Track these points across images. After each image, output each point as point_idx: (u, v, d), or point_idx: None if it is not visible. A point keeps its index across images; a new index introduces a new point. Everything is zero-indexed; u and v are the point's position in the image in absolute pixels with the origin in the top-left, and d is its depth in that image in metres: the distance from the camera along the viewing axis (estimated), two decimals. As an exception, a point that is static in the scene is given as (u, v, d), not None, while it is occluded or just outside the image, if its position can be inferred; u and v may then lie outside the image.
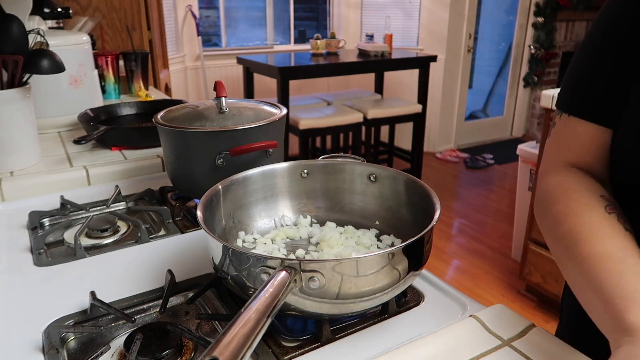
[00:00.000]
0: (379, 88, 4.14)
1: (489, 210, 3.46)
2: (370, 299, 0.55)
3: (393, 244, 0.71)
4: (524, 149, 2.51)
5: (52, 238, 0.85)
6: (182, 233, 0.86)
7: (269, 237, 0.74)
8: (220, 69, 4.31)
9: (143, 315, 0.64)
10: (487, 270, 2.64)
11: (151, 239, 0.84)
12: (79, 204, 0.94)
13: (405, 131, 4.11)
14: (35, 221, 0.87)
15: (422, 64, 3.60)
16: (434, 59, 3.62)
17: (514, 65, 4.92)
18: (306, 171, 0.78)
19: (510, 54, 4.92)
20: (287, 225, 0.78)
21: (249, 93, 3.64)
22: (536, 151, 2.42)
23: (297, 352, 0.56)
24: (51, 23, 1.71)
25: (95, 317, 0.62)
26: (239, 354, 0.38)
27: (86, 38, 1.48)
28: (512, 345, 0.56)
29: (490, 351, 0.55)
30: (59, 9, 1.65)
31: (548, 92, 2.01)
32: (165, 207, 0.93)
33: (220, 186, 0.71)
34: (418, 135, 3.67)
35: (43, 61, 1.09)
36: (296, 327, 0.60)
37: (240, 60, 3.60)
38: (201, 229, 0.58)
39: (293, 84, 3.44)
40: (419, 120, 3.63)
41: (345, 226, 0.76)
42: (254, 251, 0.70)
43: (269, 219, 0.78)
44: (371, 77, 4.21)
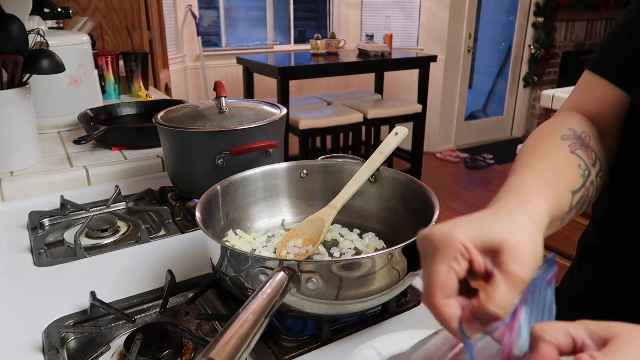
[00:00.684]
0: (379, 88, 4.14)
1: (488, 210, 3.45)
2: (370, 299, 0.55)
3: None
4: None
5: (52, 238, 0.85)
6: (182, 233, 0.86)
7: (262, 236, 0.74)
8: (220, 69, 4.31)
9: (143, 315, 0.65)
10: (487, 270, 2.64)
11: (151, 239, 0.84)
12: (79, 204, 0.94)
13: (405, 131, 4.10)
14: (35, 221, 0.88)
15: (422, 64, 3.60)
16: (434, 59, 3.62)
17: (514, 65, 4.92)
18: (305, 171, 0.79)
19: (510, 53, 4.92)
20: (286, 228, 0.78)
21: (249, 93, 3.64)
22: (536, 151, 2.42)
23: (297, 352, 0.56)
24: (51, 23, 1.71)
25: (95, 317, 0.62)
26: (235, 355, 0.38)
27: (86, 38, 1.48)
28: (511, 346, 0.56)
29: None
30: (59, 9, 1.65)
31: (548, 92, 2.01)
32: (165, 207, 0.93)
33: (219, 187, 0.71)
34: (418, 135, 3.67)
35: (43, 61, 1.09)
36: (296, 327, 0.60)
37: (240, 60, 3.60)
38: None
39: (293, 84, 3.43)
40: (418, 120, 3.63)
41: (342, 227, 0.76)
42: (242, 249, 0.70)
43: (268, 220, 0.78)
44: (371, 77, 4.21)
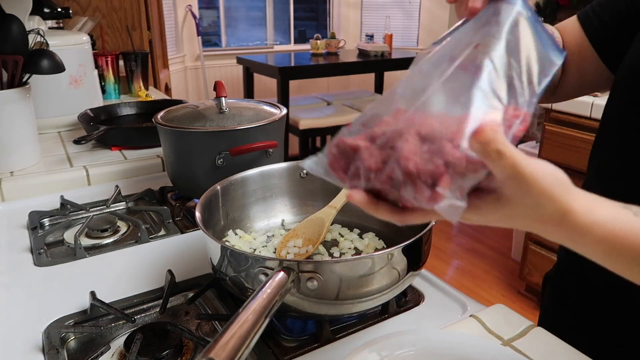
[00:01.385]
0: (379, 88, 4.14)
1: (489, 210, 3.45)
2: (370, 299, 0.55)
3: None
4: (524, 148, 2.51)
5: (52, 238, 0.85)
6: (182, 233, 0.86)
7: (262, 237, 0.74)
8: (220, 69, 4.31)
9: (143, 315, 0.64)
10: (487, 270, 2.64)
11: (151, 239, 0.84)
12: (79, 204, 0.94)
13: (405, 131, 4.09)
14: (35, 221, 0.87)
15: (422, 64, 3.59)
16: (434, 59, 3.61)
17: (514, 65, 4.91)
18: (305, 171, 0.78)
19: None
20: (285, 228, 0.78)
21: (249, 93, 3.64)
22: (536, 151, 2.42)
23: (297, 352, 0.56)
24: (51, 23, 1.71)
25: (95, 317, 0.62)
26: (235, 355, 0.38)
27: (86, 38, 1.48)
28: (512, 345, 0.56)
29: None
30: (59, 9, 1.65)
31: (548, 92, 2.01)
32: (165, 207, 0.93)
33: (219, 187, 0.71)
34: (418, 135, 3.66)
35: (43, 61, 1.09)
36: (296, 327, 0.60)
37: (240, 60, 3.60)
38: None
39: (293, 84, 3.43)
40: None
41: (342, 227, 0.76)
42: (242, 249, 0.70)
43: (268, 220, 0.78)
44: (371, 77, 4.21)
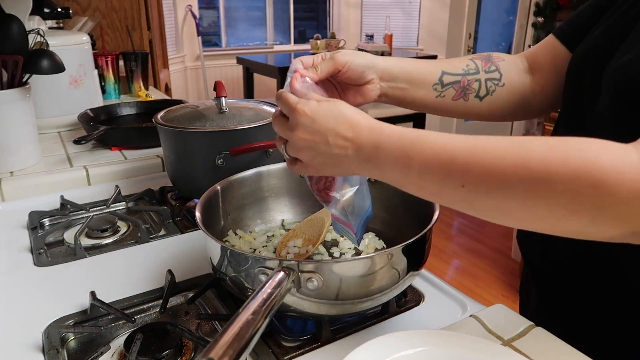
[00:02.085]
0: (379, 88, 4.13)
1: (489, 210, 3.45)
2: (370, 299, 0.55)
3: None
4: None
5: (52, 238, 0.85)
6: (182, 233, 0.86)
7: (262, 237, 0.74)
8: (220, 69, 4.31)
9: (143, 315, 0.64)
10: (487, 270, 2.64)
11: (151, 239, 0.84)
12: (79, 204, 0.94)
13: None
14: (35, 221, 0.87)
15: (422, 64, 3.60)
16: (434, 59, 3.62)
17: (514, 65, 4.92)
18: (306, 171, 0.78)
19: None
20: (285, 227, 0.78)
21: (249, 93, 3.64)
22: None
23: (297, 352, 0.56)
24: (51, 23, 1.71)
25: (95, 317, 0.62)
26: (235, 355, 0.38)
27: (86, 38, 1.48)
28: (512, 345, 0.56)
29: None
30: (59, 9, 1.65)
31: (548, 92, 2.01)
32: (165, 207, 0.93)
33: (219, 187, 0.71)
34: (418, 135, 3.67)
35: (43, 61, 1.09)
36: (296, 327, 0.60)
37: (240, 60, 3.60)
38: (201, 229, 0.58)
39: (293, 84, 3.43)
40: (419, 121, 3.62)
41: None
42: (242, 249, 0.70)
43: (268, 220, 0.78)
44: (371, 77, 4.20)
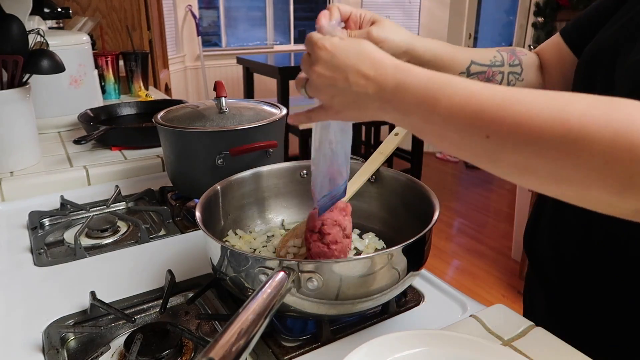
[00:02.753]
0: (379, 88, 4.13)
1: (489, 210, 3.45)
2: (370, 299, 0.55)
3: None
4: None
5: (52, 238, 0.85)
6: (182, 233, 0.86)
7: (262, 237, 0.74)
8: (220, 69, 4.31)
9: (143, 315, 0.64)
10: (487, 270, 2.64)
11: (151, 239, 0.84)
12: (79, 204, 0.94)
13: (405, 131, 4.09)
14: (35, 221, 0.87)
15: (422, 64, 3.59)
16: (434, 59, 3.61)
17: (514, 65, 4.92)
18: (305, 172, 0.78)
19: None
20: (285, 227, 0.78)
21: (249, 93, 3.64)
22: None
23: (297, 352, 0.56)
24: (51, 23, 1.71)
25: (95, 317, 0.62)
26: (235, 355, 0.38)
27: (86, 38, 1.48)
28: (512, 345, 0.56)
29: (489, 351, 0.55)
30: (59, 9, 1.65)
31: (548, 92, 2.01)
32: (165, 207, 0.93)
33: (219, 187, 0.71)
34: (418, 135, 3.66)
35: (43, 61, 1.09)
36: (296, 327, 0.60)
37: (240, 60, 3.60)
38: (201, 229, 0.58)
39: (293, 84, 3.43)
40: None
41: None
42: (242, 249, 0.70)
43: (268, 220, 0.78)
44: (371, 77, 4.20)
